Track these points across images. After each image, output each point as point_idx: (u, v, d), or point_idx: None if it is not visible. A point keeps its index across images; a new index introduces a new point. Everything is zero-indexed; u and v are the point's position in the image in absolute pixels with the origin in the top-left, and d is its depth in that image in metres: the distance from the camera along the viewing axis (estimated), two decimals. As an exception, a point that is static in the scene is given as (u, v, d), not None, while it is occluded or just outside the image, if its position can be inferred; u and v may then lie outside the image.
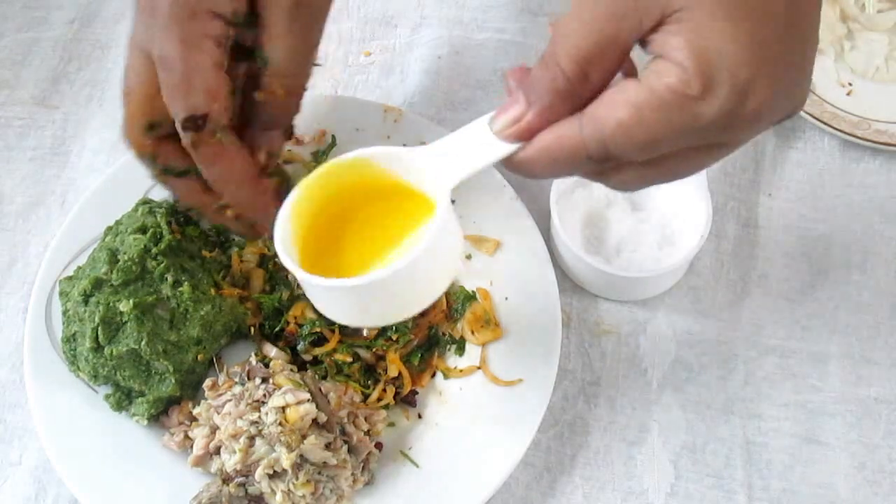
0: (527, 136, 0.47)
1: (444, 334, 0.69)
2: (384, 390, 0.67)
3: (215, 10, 0.56)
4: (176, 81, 0.56)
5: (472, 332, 0.69)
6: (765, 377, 0.70)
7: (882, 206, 0.77)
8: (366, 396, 0.67)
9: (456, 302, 0.70)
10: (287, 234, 0.52)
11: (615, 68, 0.46)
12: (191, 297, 0.64)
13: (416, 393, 0.68)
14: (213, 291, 0.66)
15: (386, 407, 0.67)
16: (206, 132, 0.57)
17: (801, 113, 0.78)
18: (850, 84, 0.82)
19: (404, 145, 0.75)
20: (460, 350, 0.69)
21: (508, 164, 0.49)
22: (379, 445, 0.65)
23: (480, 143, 0.49)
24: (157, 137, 0.59)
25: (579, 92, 0.46)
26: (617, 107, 0.44)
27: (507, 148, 0.48)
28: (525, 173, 0.49)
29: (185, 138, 0.57)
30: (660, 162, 0.46)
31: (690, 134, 0.44)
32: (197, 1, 0.55)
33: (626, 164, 0.47)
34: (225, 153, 0.59)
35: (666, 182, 0.49)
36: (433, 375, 0.69)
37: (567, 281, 0.73)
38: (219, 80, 0.56)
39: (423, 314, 0.68)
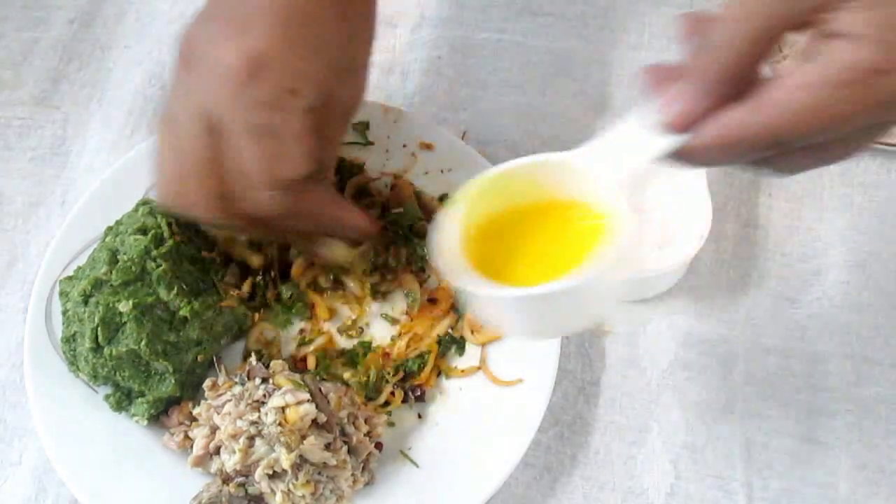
0: (695, 124, 0.45)
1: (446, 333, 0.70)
2: (392, 393, 0.67)
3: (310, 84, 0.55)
4: (276, 150, 0.54)
5: (472, 332, 0.69)
6: (765, 377, 0.70)
7: (882, 206, 0.77)
8: (369, 399, 0.67)
9: (458, 301, 0.70)
10: (451, 247, 0.50)
11: (771, 53, 0.44)
12: (189, 311, 0.64)
13: (424, 391, 0.68)
14: (211, 299, 0.66)
15: (386, 404, 0.67)
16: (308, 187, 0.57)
17: (802, 113, 0.78)
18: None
19: (404, 146, 0.75)
20: (460, 350, 0.69)
21: (678, 156, 0.47)
22: (379, 446, 0.65)
23: (639, 139, 0.47)
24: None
25: (748, 75, 0.44)
26: (796, 90, 0.42)
27: (674, 140, 0.46)
28: (694, 163, 0.47)
29: (263, 210, 0.56)
30: (833, 143, 0.44)
31: (876, 110, 0.42)
32: (295, 75, 0.54)
33: (799, 149, 0.45)
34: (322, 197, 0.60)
35: (832, 164, 0.47)
36: (438, 374, 0.69)
37: (567, 281, 0.73)
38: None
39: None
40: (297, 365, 0.68)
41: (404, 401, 0.67)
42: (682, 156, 0.47)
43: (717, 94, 0.45)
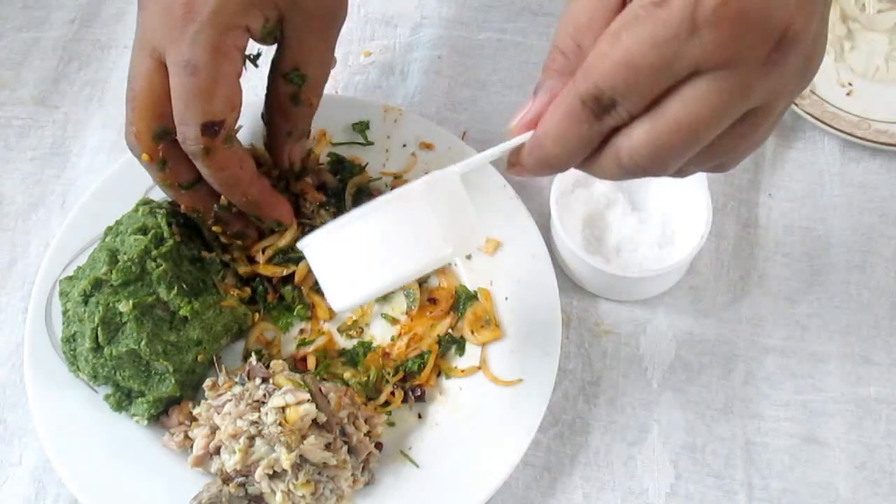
0: (535, 123, 0.47)
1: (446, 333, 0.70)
2: (392, 393, 0.67)
3: (249, 25, 0.58)
4: (200, 88, 0.57)
5: (472, 332, 0.69)
6: (765, 377, 0.70)
7: (882, 206, 0.77)
8: (369, 399, 0.67)
9: (458, 301, 0.70)
10: None
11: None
12: (189, 311, 0.64)
13: (424, 391, 0.68)
14: (211, 298, 0.66)
15: (386, 404, 0.67)
16: (219, 139, 0.59)
17: (802, 113, 0.78)
18: (850, 84, 0.82)
19: (404, 146, 0.75)
20: (460, 350, 0.69)
21: (522, 158, 0.48)
22: (379, 445, 0.65)
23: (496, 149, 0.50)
24: (167, 143, 0.60)
25: (577, 65, 0.44)
26: (600, 44, 0.43)
27: (519, 139, 0.48)
28: (540, 160, 0.47)
29: (195, 144, 0.58)
30: (663, 114, 0.43)
31: (667, 52, 0.42)
32: (234, 14, 0.57)
33: (633, 121, 0.44)
34: (234, 158, 0.61)
35: (682, 154, 0.45)
36: (438, 374, 0.69)
37: (567, 281, 0.73)
38: (238, 90, 0.59)
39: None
40: (297, 365, 0.68)
41: (404, 401, 0.67)
42: (528, 154, 0.47)
43: (553, 88, 0.46)
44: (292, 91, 0.63)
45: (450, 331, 0.70)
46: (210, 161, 0.60)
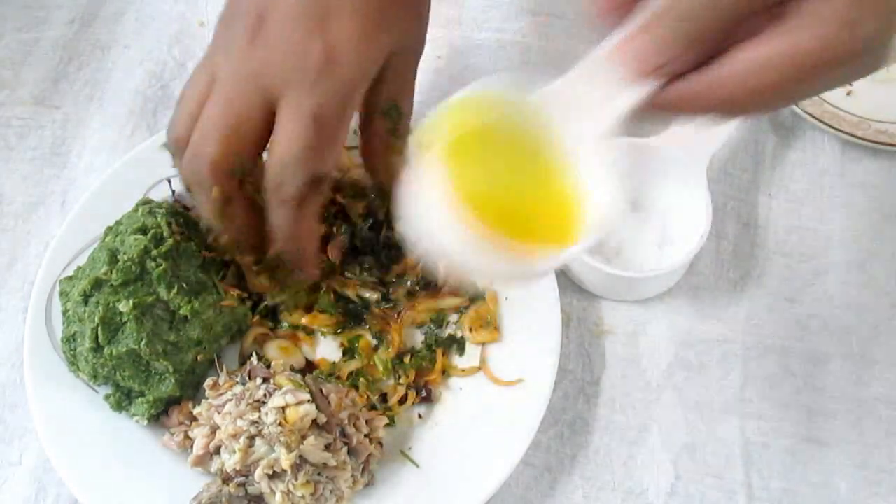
0: (657, 75, 0.43)
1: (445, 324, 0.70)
2: (405, 395, 0.67)
3: (370, 76, 0.57)
4: (321, 142, 0.55)
5: (470, 330, 0.69)
6: (765, 377, 0.70)
7: (882, 206, 0.77)
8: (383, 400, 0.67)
9: (465, 298, 0.70)
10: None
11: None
12: (189, 310, 0.64)
13: (430, 391, 0.68)
14: (211, 298, 0.66)
15: (388, 410, 0.67)
16: (317, 193, 0.58)
17: (801, 113, 0.78)
18: (850, 84, 0.82)
19: (404, 145, 0.75)
20: (460, 350, 0.69)
21: (655, 104, 0.44)
22: (379, 445, 0.65)
23: (610, 87, 0.43)
24: (234, 180, 0.59)
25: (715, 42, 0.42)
26: (755, 67, 0.41)
27: (640, 91, 0.43)
28: (671, 113, 0.44)
29: (293, 195, 0.57)
30: None
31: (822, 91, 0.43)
32: (370, 70, 0.56)
33: None
34: (318, 213, 0.61)
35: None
36: (443, 373, 0.68)
37: (567, 281, 0.73)
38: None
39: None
40: (305, 365, 0.68)
41: (403, 402, 0.67)
42: (648, 108, 0.44)
43: (682, 55, 0.42)
44: (390, 126, 0.62)
45: (452, 325, 0.69)
46: (296, 213, 0.58)
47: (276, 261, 0.64)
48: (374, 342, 0.69)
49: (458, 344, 0.69)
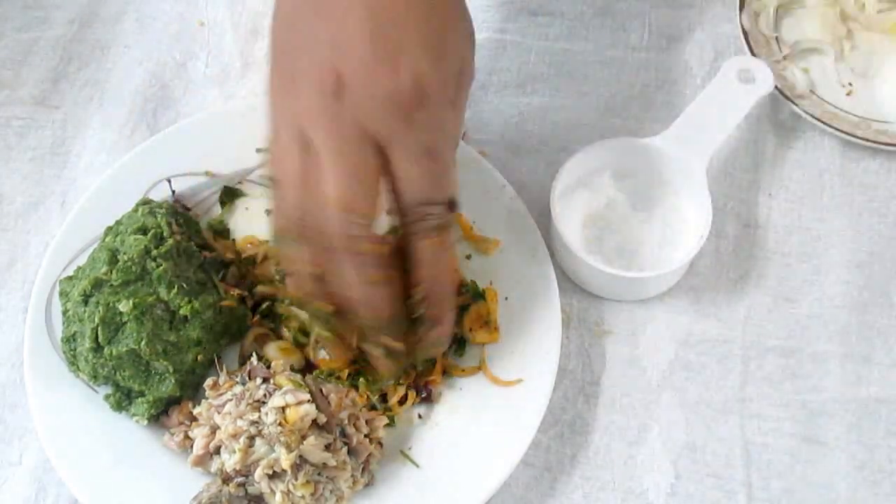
0: None
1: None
2: (405, 395, 0.67)
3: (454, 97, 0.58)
4: (443, 170, 0.57)
5: (470, 329, 0.69)
6: (765, 377, 0.70)
7: (882, 206, 0.77)
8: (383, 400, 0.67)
9: (465, 297, 0.70)
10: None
11: None
12: (189, 310, 0.64)
13: (430, 391, 0.68)
14: (211, 298, 0.66)
15: (388, 411, 0.67)
16: (455, 213, 0.59)
17: (801, 113, 0.78)
18: (850, 84, 0.82)
19: (404, 145, 0.75)
20: (460, 350, 0.69)
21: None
22: (379, 445, 0.65)
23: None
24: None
25: None
26: None
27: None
28: None
29: (442, 219, 0.58)
30: None
31: None
32: (453, 93, 0.57)
33: None
34: (452, 242, 0.60)
35: None
36: (443, 373, 0.68)
37: (567, 281, 0.73)
38: None
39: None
40: (306, 365, 0.68)
41: (403, 402, 0.67)
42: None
43: None
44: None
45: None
46: (441, 242, 0.58)
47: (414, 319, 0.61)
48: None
49: (458, 344, 0.69)
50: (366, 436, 0.63)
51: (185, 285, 0.65)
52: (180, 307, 0.64)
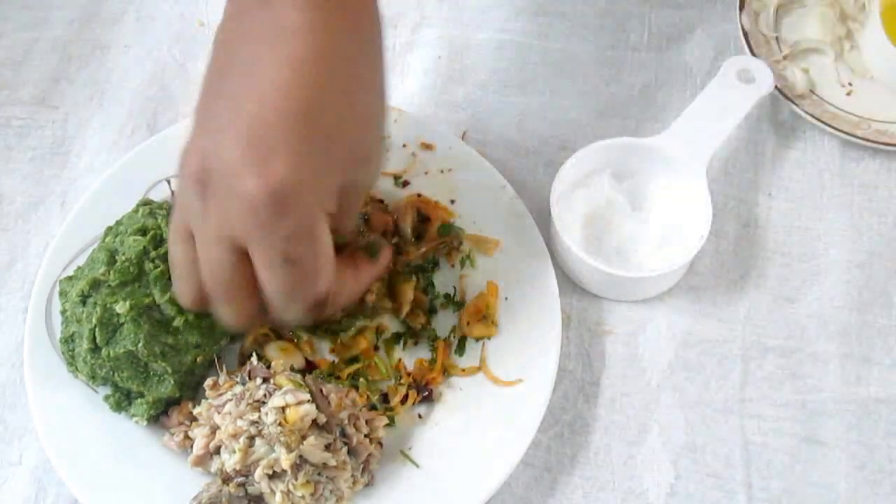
0: None
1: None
2: (406, 395, 0.67)
3: (330, 210, 0.55)
4: (303, 277, 0.54)
5: (468, 323, 0.69)
6: (765, 377, 0.70)
7: (882, 206, 0.77)
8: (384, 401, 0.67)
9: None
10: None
11: None
12: (182, 323, 0.64)
13: (431, 391, 0.68)
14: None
15: (388, 411, 0.67)
16: (323, 310, 0.58)
17: (802, 113, 0.78)
18: (850, 84, 0.82)
19: (404, 146, 0.75)
20: (460, 350, 0.69)
21: None
22: (379, 445, 0.65)
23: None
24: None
25: None
26: None
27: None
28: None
29: (300, 321, 0.58)
30: None
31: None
32: (320, 207, 0.54)
33: None
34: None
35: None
36: (444, 372, 0.68)
37: (567, 281, 0.73)
38: (332, 259, 0.56)
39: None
40: (306, 365, 0.68)
41: (403, 402, 0.67)
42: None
43: None
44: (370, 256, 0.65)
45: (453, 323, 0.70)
46: (309, 318, 0.59)
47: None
48: (375, 340, 0.69)
49: (458, 343, 0.69)
50: (366, 436, 0.63)
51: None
52: (173, 318, 0.64)
